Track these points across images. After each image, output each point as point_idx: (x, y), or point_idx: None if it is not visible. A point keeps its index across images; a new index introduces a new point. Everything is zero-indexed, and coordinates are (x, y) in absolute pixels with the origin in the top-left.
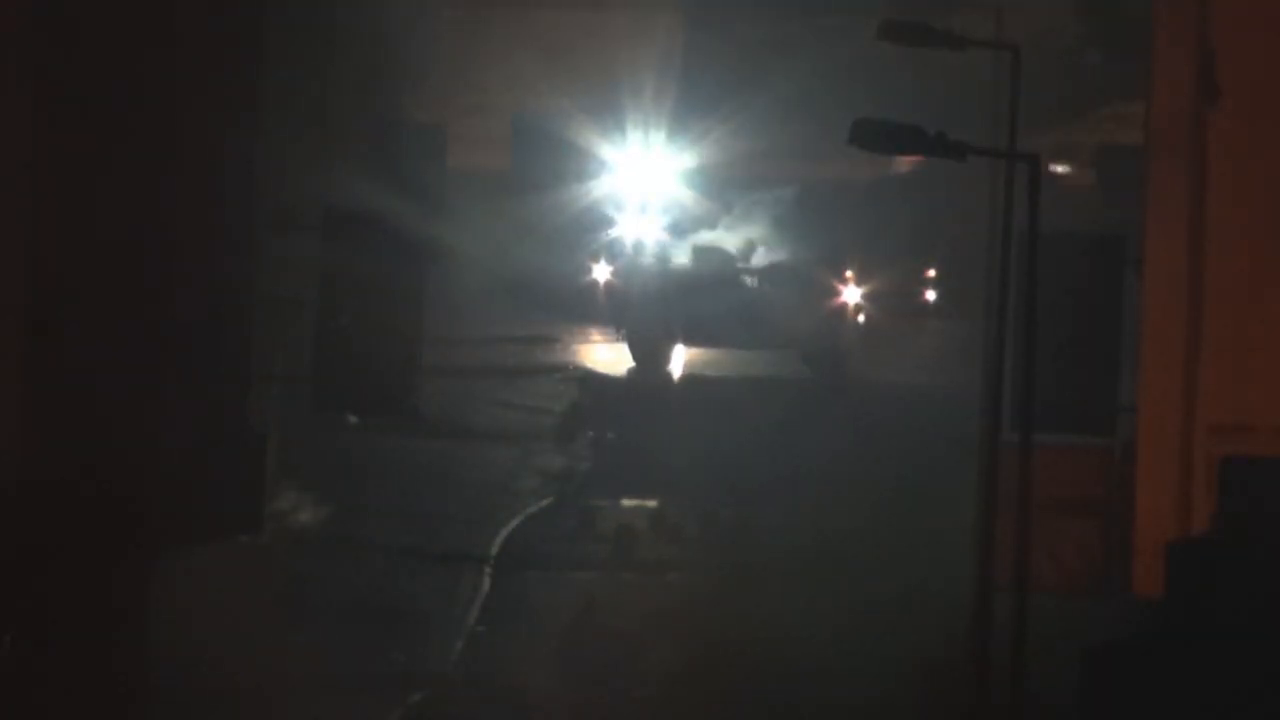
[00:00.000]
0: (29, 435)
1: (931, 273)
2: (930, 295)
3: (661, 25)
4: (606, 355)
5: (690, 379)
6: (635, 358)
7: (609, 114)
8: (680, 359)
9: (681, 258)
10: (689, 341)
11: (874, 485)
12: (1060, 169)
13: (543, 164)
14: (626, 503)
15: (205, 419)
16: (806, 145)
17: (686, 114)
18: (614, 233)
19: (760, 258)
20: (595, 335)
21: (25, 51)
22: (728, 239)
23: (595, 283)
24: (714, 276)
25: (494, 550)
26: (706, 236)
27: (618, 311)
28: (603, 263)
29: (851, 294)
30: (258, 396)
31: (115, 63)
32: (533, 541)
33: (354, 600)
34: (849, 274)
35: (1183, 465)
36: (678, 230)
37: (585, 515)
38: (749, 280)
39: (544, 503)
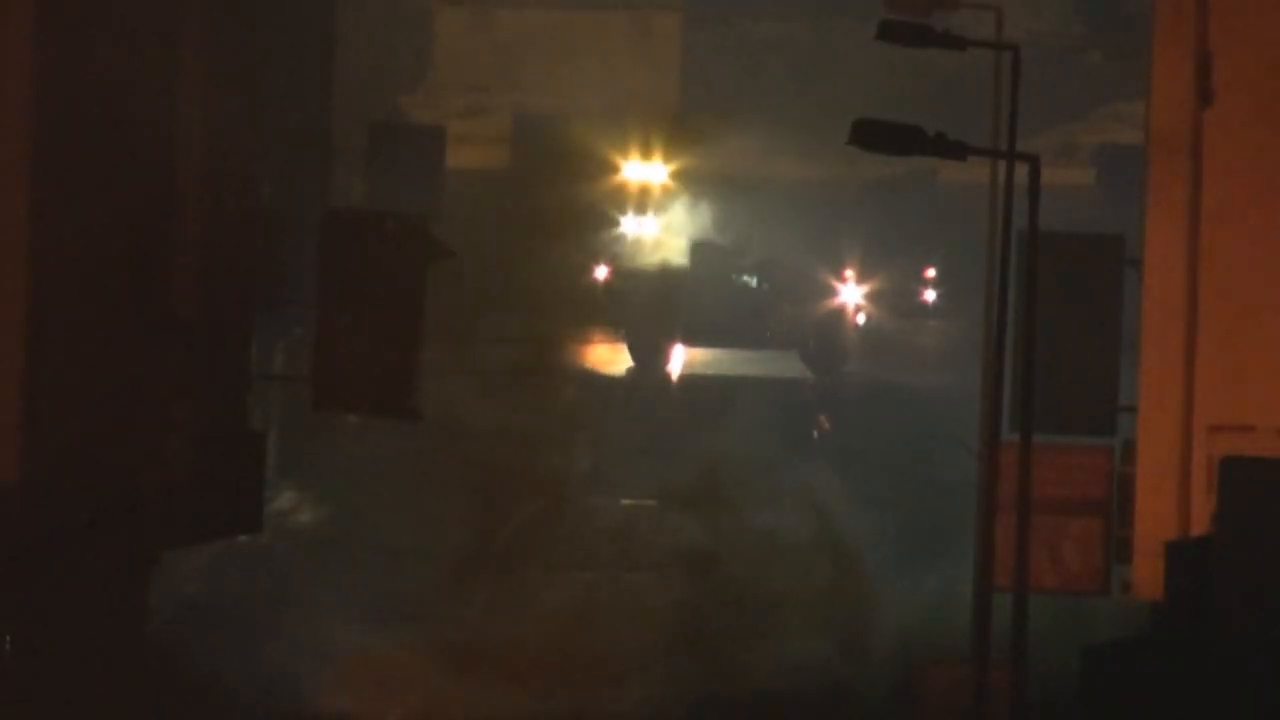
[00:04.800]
0: (29, 435)
1: (931, 273)
2: (930, 295)
3: (661, 25)
4: (606, 355)
5: (690, 379)
6: (635, 358)
7: (609, 114)
8: (680, 359)
9: (681, 257)
10: (689, 341)
11: (873, 485)
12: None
13: (543, 164)
14: (626, 502)
15: (205, 419)
16: (806, 145)
17: (686, 114)
18: (614, 233)
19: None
20: (595, 335)
21: (26, 52)
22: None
23: (595, 283)
24: (713, 276)
25: (494, 549)
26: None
27: (618, 311)
28: (603, 263)
29: (851, 294)
30: (258, 396)
31: (116, 64)
32: (533, 540)
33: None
34: (849, 274)
35: (1183, 465)
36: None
37: (585, 515)
38: (748, 280)
39: (543, 502)
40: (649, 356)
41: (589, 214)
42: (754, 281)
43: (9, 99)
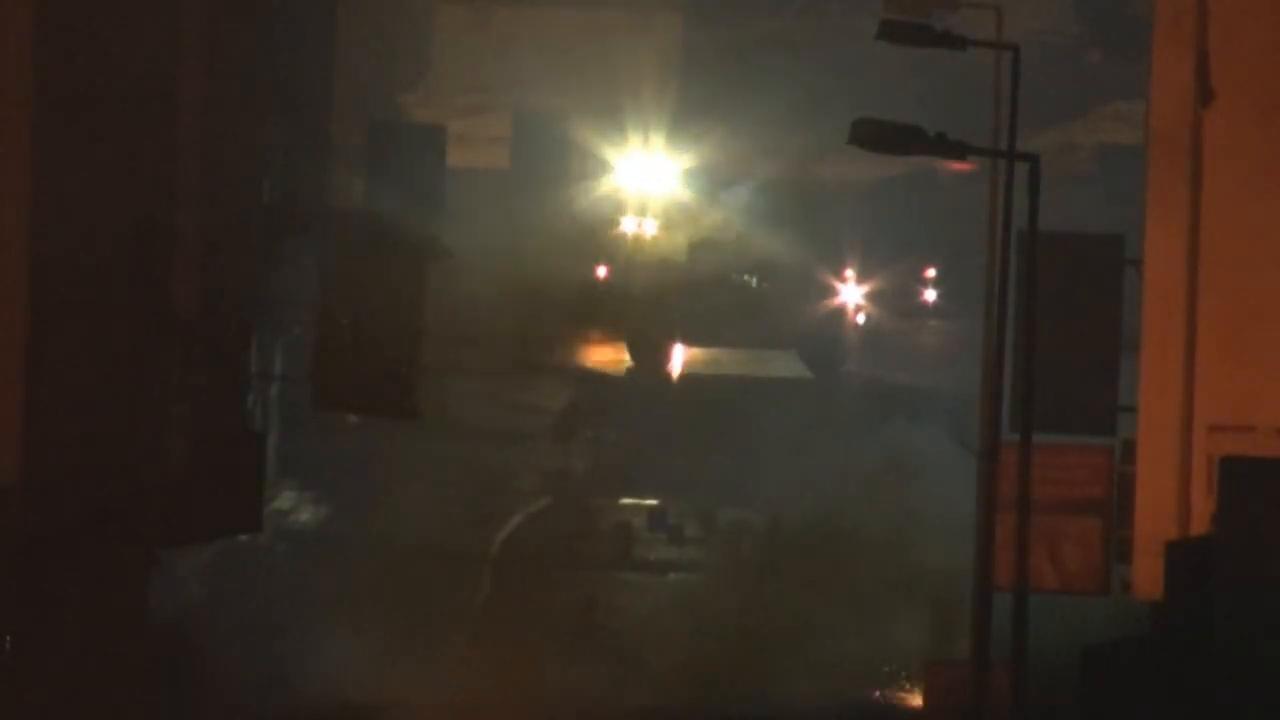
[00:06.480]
0: (29, 436)
1: (931, 273)
2: (930, 295)
3: (661, 25)
4: (606, 355)
5: (689, 378)
6: (635, 358)
7: (609, 114)
8: (679, 358)
9: (680, 257)
10: (688, 341)
11: (873, 485)
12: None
13: (543, 164)
14: (626, 502)
15: (205, 419)
16: (806, 145)
17: (686, 113)
18: (614, 232)
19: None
20: (595, 335)
21: (27, 52)
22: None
23: (595, 282)
24: (713, 276)
25: (494, 549)
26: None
27: (617, 311)
28: (602, 262)
29: (851, 294)
30: (258, 396)
31: (116, 63)
32: (533, 540)
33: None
34: (849, 274)
35: (1183, 465)
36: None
37: (585, 515)
38: (748, 280)
39: (544, 502)
40: (649, 356)
41: (589, 214)
42: (754, 281)
43: (9, 98)
